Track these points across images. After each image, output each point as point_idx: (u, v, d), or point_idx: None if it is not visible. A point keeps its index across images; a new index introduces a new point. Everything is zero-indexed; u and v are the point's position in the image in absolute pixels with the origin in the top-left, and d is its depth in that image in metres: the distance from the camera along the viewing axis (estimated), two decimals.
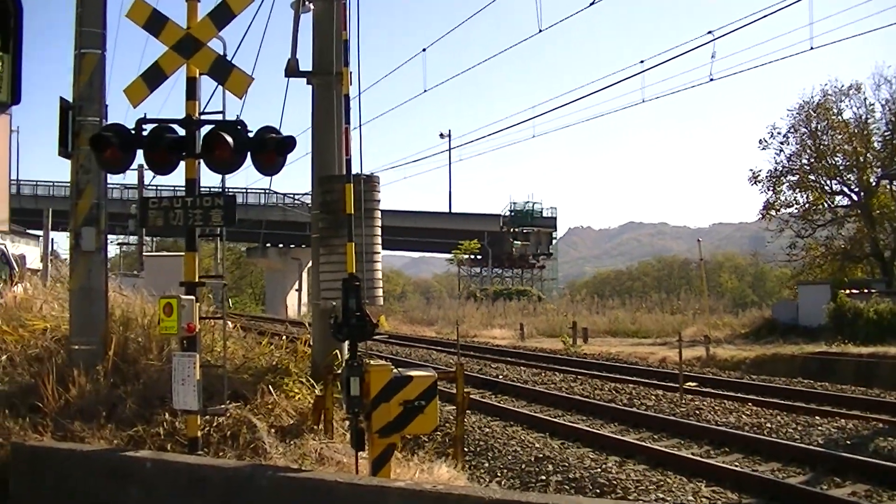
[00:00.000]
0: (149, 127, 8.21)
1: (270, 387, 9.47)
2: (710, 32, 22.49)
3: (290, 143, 8.08)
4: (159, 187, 60.07)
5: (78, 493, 7.82)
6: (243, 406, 8.97)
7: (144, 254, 39.77)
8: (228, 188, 8.47)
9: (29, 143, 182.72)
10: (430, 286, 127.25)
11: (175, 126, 8.30)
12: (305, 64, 12.34)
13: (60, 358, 9.66)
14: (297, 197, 72.56)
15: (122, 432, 8.50)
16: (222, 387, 8.54)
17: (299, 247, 73.41)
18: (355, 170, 8.47)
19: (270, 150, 8.09)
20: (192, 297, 8.03)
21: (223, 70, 8.34)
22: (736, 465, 11.38)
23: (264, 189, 74.50)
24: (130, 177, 54.24)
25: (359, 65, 8.62)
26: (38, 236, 53.44)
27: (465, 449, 11.25)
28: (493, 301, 61.46)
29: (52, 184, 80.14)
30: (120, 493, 7.55)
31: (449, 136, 71.07)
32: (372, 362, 7.83)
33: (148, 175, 47.18)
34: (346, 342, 7.83)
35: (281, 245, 77.18)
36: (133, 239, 50.70)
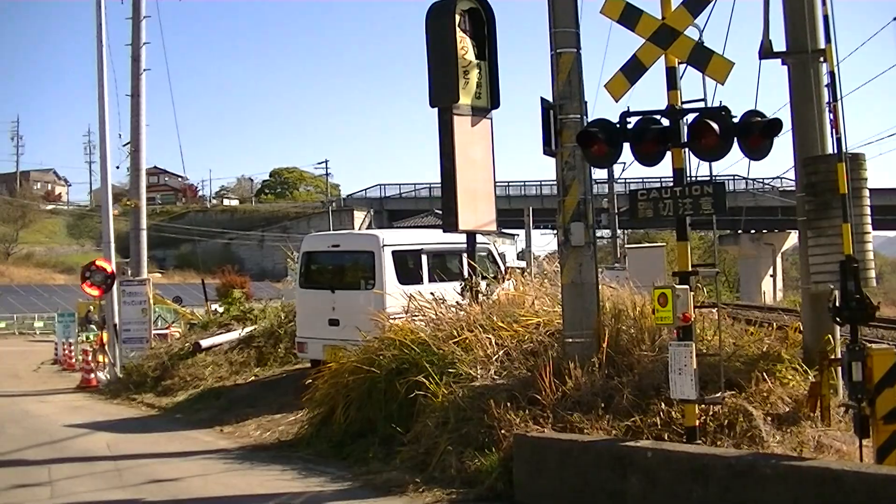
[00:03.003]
0: (633, 120, 9.18)
1: (764, 374, 9.98)
2: None
3: (776, 125, 8.63)
4: (628, 180, 62.52)
5: (579, 481, 9.01)
6: (738, 394, 9.60)
7: (627, 246, 41.80)
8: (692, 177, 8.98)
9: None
10: None
11: (658, 117, 9.19)
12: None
13: (554, 351, 10.97)
14: (766, 181, 71.97)
15: (619, 423, 9.54)
16: (716, 375, 9.30)
17: (771, 232, 73.57)
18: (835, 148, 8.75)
19: (756, 134, 8.71)
20: (686, 287, 8.89)
21: (702, 57, 9.10)
22: None
23: (732, 175, 74.85)
24: (598, 171, 56.77)
25: (835, 40, 8.89)
26: (513, 235, 57.90)
27: None
28: None
29: (523, 183, 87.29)
30: (621, 481, 8.58)
31: None
32: (873, 346, 8.05)
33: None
34: (841, 326, 8.10)
35: (753, 231, 77.13)
36: (605, 233, 53.21)
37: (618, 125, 9.25)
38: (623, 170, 45.16)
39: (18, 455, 13.67)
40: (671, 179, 9.21)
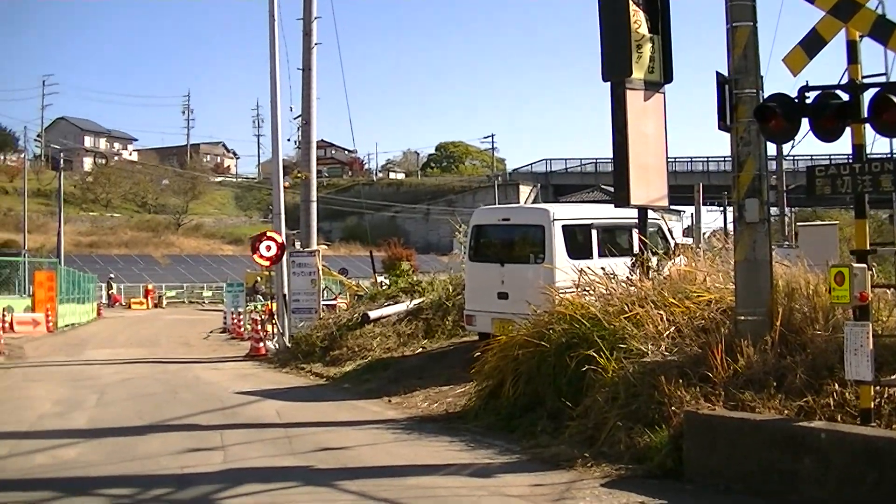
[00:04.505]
0: (811, 94, 9.28)
1: None
2: None
3: None
4: (796, 157, 61.00)
5: (750, 460, 9.18)
6: None
7: (799, 224, 41.12)
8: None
9: None
10: None
11: (838, 91, 9.25)
12: None
13: (726, 329, 11.05)
14: None
15: (791, 403, 9.58)
16: (892, 357, 9.33)
17: None
18: None
19: None
20: (864, 266, 8.96)
21: (885, 30, 9.08)
22: None
23: None
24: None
25: None
26: (678, 211, 57.41)
27: None
28: None
29: (689, 159, 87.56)
30: (793, 462, 8.74)
31: None
32: None
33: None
34: None
35: None
36: (773, 210, 52.22)
37: (796, 100, 9.36)
38: (793, 146, 44.26)
39: (192, 420, 14.56)
40: (841, 157, 9.27)
